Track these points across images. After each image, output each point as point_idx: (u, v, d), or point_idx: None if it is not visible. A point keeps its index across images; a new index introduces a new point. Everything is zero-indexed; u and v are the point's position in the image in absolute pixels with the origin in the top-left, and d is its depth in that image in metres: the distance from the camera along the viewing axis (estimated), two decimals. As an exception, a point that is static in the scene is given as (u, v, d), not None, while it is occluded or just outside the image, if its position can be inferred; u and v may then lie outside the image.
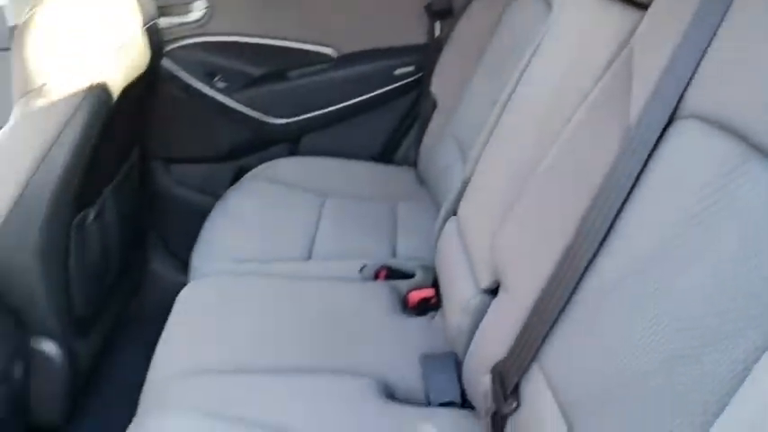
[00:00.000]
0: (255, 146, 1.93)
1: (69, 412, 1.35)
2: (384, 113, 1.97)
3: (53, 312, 1.30)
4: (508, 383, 0.85)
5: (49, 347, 1.30)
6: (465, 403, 1.03)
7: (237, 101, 1.88)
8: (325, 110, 1.93)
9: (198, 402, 0.98)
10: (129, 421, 0.98)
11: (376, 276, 1.36)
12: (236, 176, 1.85)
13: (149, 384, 1.04)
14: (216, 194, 1.74)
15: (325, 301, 1.24)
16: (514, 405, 0.83)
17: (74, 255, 1.34)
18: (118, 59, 1.36)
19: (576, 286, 0.77)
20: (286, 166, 1.81)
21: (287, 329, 1.15)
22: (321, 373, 1.06)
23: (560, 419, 0.73)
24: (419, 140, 1.85)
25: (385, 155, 2.00)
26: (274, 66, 1.92)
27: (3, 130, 1.23)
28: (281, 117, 1.92)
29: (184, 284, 1.32)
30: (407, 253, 1.47)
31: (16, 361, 1.24)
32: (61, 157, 1.22)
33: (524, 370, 0.83)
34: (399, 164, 1.98)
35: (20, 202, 1.22)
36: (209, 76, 1.87)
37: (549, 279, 0.82)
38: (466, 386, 1.02)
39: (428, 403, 1.04)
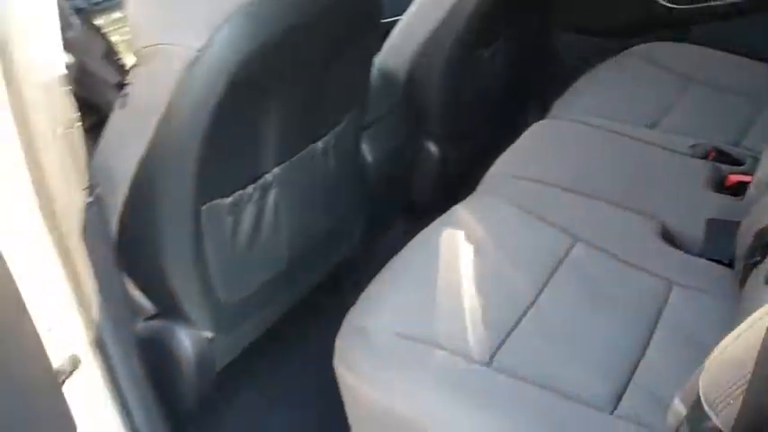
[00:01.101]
0: (646, 26, 2.04)
1: (438, 195, 1.80)
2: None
3: (440, 122, 1.73)
4: (759, 243, 0.98)
5: (431, 147, 1.75)
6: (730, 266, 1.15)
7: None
8: (727, 1, 1.93)
9: (515, 197, 1.30)
10: None
11: (705, 156, 1.47)
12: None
13: (487, 177, 1.39)
14: None
15: (646, 161, 1.42)
16: (758, 258, 0.96)
17: (468, 84, 1.73)
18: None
19: None
20: (664, 50, 1.89)
21: (603, 168, 1.39)
22: (619, 207, 1.28)
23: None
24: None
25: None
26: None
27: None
28: (679, 2, 1.98)
29: None
30: (752, 146, 1.52)
31: (407, 149, 1.71)
32: (466, 8, 1.59)
33: (778, 233, 0.95)
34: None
35: (434, 36, 1.64)
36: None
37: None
38: (737, 250, 1.14)
39: (700, 256, 1.19)
